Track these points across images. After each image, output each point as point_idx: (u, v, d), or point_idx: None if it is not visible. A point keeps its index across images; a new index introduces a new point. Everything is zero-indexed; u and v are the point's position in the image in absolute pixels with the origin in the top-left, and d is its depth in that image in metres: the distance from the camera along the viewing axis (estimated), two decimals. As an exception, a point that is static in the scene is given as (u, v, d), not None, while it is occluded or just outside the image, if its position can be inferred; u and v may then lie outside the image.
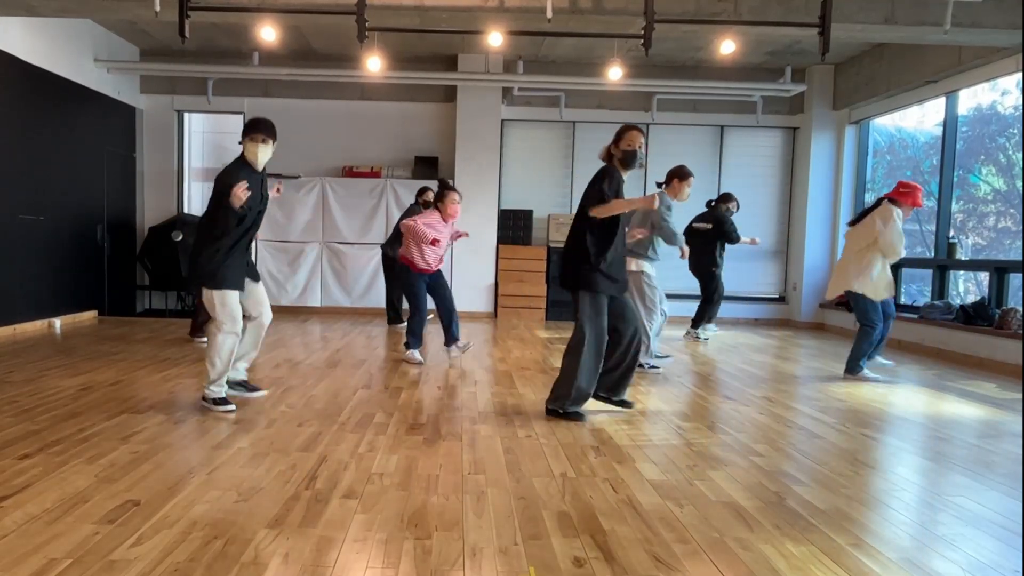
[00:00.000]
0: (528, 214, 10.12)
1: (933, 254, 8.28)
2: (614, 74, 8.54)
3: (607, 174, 4.23)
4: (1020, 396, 5.56)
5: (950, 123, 8.02)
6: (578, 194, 9.51)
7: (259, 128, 4.26)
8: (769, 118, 10.19)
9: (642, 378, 5.68)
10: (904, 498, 3.18)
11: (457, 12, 6.04)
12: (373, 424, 4.10)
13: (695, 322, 8.31)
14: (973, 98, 8.38)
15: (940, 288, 7.99)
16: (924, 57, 7.91)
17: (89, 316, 8.75)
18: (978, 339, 6.99)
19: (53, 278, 8.02)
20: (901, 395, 5.47)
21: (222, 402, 4.31)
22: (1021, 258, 7.15)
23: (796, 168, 10.31)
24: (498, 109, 9.97)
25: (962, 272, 8.48)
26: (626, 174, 4.31)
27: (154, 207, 10.16)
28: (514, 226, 10.10)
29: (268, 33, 6.75)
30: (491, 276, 10.10)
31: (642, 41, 5.63)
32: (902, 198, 5.80)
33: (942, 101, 8.11)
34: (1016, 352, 6.44)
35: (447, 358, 6.26)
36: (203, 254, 4.19)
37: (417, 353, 6.19)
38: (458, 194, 6.21)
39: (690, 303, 8.72)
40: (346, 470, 3.28)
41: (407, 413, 4.40)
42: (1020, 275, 7.04)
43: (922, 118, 9.34)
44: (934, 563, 2.50)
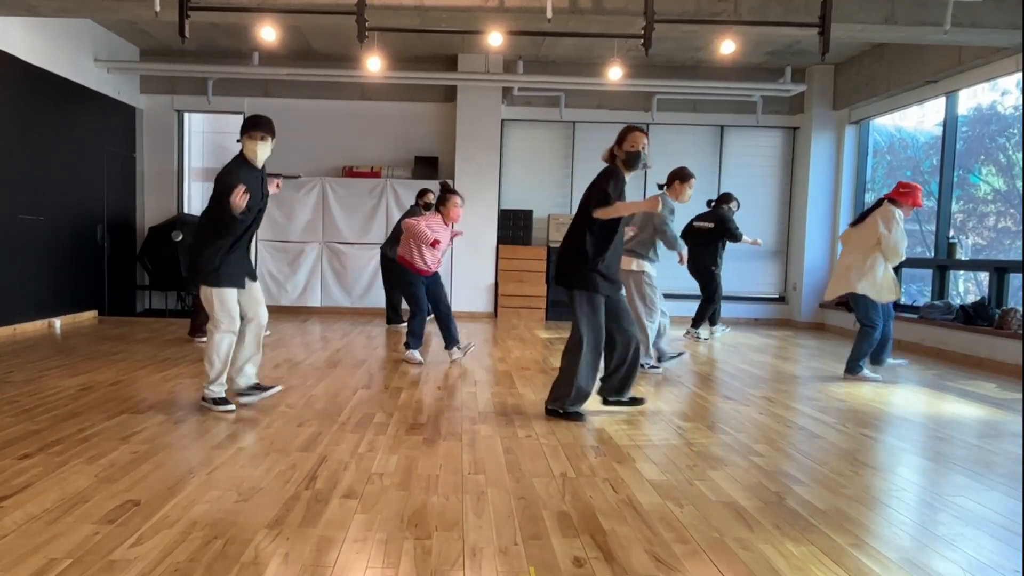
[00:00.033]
0: (528, 214, 10.12)
1: (933, 254, 8.28)
2: (614, 74, 8.54)
3: (611, 175, 4.23)
4: (1020, 396, 5.56)
5: (950, 123, 8.02)
6: (578, 194, 9.51)
7: (258, 126, 4.24)
8: (769, 118, 10.19)
9: (642, 378, 5.67)
10: (904, 498, 3.18)
11: (457, 12, 6.04)
12: (373, 424, 4.10)
13: (695, 322, 8.31)
14: (973, 98, 8.38)
15: (940, 288, 7.99)
16: (924, 57, 7.90)
17: (89, 316, 8.75)
18: (978, 339, 6.99)
19: (53, 278, 8.02)
20: (901, 395, 5.47)
21: (222, 402, 4.30)
22: (1021, 258, 7.15)
23: (796, 168, 10.31)
24: (498, 109, 9.97)
25: (962, 272, 8.48)
26: (629, 175, 4.32)
27: (154, 207, 10.16)
28: (514, 226, 10.10)
29: (268, 33, 6.75)
30: (491, 276, 10.10)
31: (642, 41, 5.63)
32: (902, 198, 5.80)
33: (942, 101, 8.11)
34: (1016, 352, 6.44)
35: (447, 358, 6.26)
36: (203, 252, 4.17)
37: (417, 353, 6.19)
38: (461, 198, 6.20)
39: (690, 303, 8.72)
40: (346, 470, 3.28)
41: (407, 413, 4.40)
42: (1020, 275, 7.04)
43: (922, 118, 9.34)
44: (934, 563, 2.50)
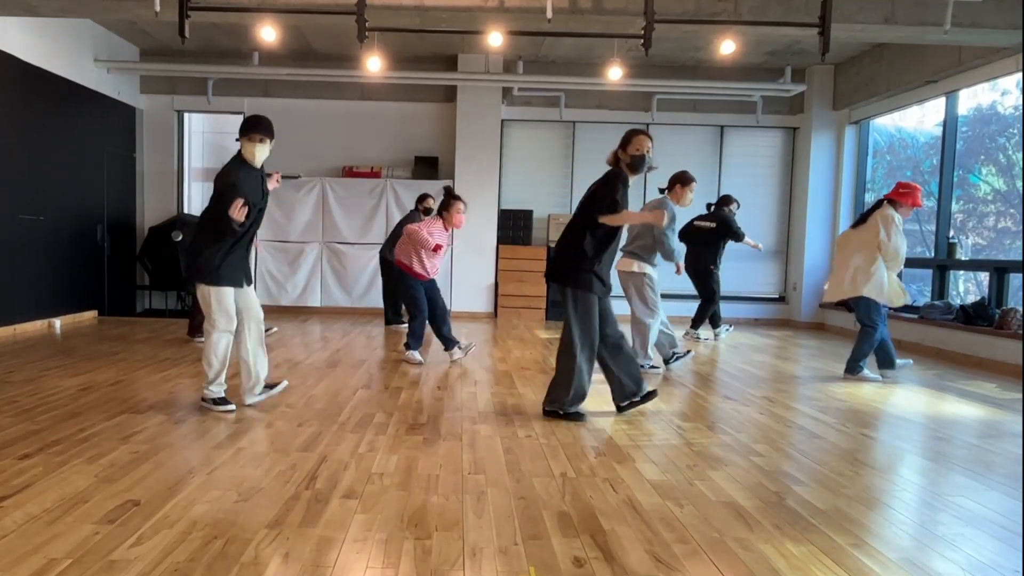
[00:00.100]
0: (528, 214, 10.12)
1: (933, 254, 8.28)
2: (614, 74, 8.54)
3: (618, 180, 4.23)
4: (1020, 396, 5.56)
5: (950, 123, 8.02)
6: (578, 194, 9.51)
7: (257, 128, 4.23)
8: (769, 118, 10.19)
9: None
10: (904, 498, 3.18)
11: (457, 12, 6.04)
12: (373, 424, 4.10)
13: (695, 322, 8.32)
14: (973, 98, 8.38)
15: (940, 288, 7.99)
16: (924, 57, 7.90)
17: (89, 316, 8.75)
18: (978, 339, 6.99)
19: (53, 278, 8.02)
20: (901, 395, 5.47)
21: (222, 402, 4.31)
22: (1021, 258, 7.15)
23: (796, 168, 10.30)
24: (498, 109, 9.97)
25: (962, 272, 8.48)
26: (633, 178, 4.31)
27: (154, 207, 10.16)
28: (514, 226, 10.10)
29: (268, 33, 6.75)
30: (491, 276, 10.09)
31: (642, 41, 5.63)
32: (901, 198, 5.80)
33: (942, 101, 8.11)
34: (1016, 352, 6.44)
35: (448, 358, 6.26)
36: (204, 252, 4.17)
37: (417, 353, 6.19)
38: (463, 203, 6.17)
39: (690, 303, 8.72)
40: (346, 470, 3.28)
41: (407, 413, 4.40)
42: (1020, 275, 7.04)
43: (922, 118, 9.34)
44: (934, 563, 2.50)
